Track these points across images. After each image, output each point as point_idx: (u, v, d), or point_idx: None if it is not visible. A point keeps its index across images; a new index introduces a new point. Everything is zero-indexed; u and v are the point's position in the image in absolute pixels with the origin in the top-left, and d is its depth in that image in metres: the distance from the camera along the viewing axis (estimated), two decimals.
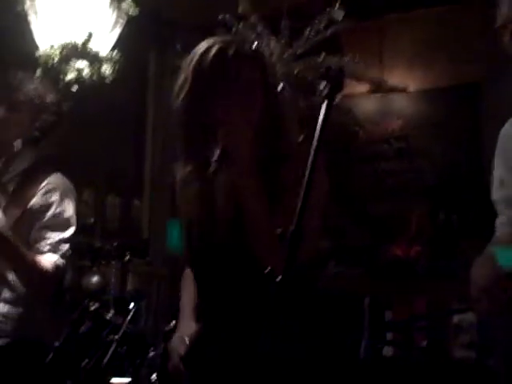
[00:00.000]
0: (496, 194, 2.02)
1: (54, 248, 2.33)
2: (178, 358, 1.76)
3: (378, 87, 4.54)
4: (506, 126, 1.98)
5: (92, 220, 5.85)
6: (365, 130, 5.08)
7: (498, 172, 2.00)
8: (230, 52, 1.67)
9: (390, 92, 4.70)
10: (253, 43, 4.06)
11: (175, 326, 1.91)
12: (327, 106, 1.45)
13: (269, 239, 1.54)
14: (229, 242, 1.67)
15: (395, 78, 4.78)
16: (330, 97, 1.46)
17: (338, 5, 3.97)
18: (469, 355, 3.91)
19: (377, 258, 4.86)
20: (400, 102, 4.95)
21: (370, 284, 4.67)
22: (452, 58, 4.68)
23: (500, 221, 2.01)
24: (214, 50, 1.67)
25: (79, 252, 5.14)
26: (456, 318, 3.70)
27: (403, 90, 4.72)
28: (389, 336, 4.37)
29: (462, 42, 4.53)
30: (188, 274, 1.89)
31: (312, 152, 1.41)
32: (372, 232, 4.96)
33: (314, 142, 1.42)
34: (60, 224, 2.37)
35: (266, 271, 1.38)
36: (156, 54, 5.46)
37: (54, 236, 2.33)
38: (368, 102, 5.06)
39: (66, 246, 2.37)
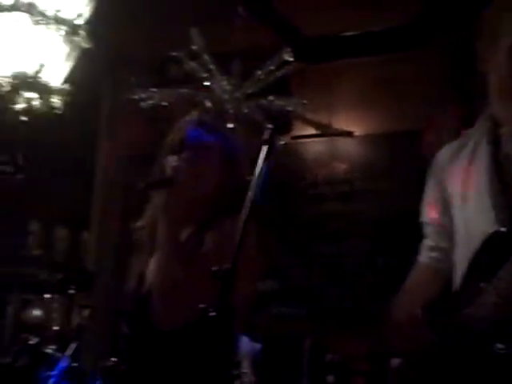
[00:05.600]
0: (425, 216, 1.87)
1: None
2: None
3: (325, 130, 4.64)
4: (442, 149, 1.86)
5: (38, 252, 5.75)
6: (311, 173, 5.16)
7: (429, 194, 1.85)
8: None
9: (337, 136, 4.80)
10: (205, 81, 4.14)
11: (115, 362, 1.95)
12: (267, 150, 1.48)
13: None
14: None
15: (342, 121, 4.89)
16: (271, 141, 1.50)
17: (288, 47, 4.08)
18: None
19: (320, 299, 4.90)
20: (346, 146, 5.06)
21: (312, 326, 4.68)
22: (395, 104, 4.83)
23: (426, 244, 1.87)
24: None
25: (23, 284, 5.05)
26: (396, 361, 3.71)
27: (349, 134, 4.83)
28: (329, 379, 4.39)
29: (406, 89, 4.68)
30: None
31: (251, 193, 1.45)
32: (315, 273, 5.00)
33: (253, 185, 1.46)
34: None
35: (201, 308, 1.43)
36: (109, 87, 5.49)
37: None
38: (315, 144, 5.16)
39: None
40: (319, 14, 4.53)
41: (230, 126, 3.91)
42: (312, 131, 4.66)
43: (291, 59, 4.05)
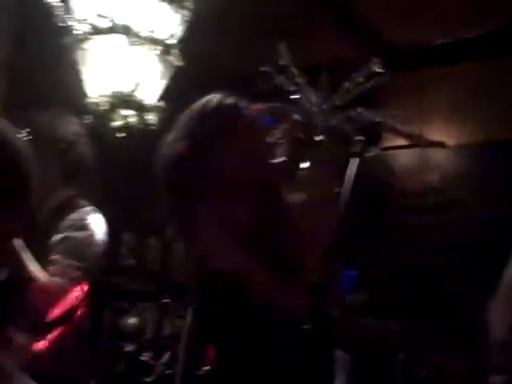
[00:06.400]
0: None
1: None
2: None
3: (417, 141, 4.57)
4: None
5: (132, 261, 5.92)
6: (402, 183, 5.09)
7: None
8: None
9: (429, 146, 4.72)
10: (292, 94, 4.15)
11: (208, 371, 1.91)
12: (359, 161, 1.49)
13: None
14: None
15: (433, 131, 4.81)
16: (361, 153, 1.50)
17: (377, 58, 4.03)
18: None
19: (413, 312, 4.80)
20: (437, 156, 4.97)
21: (405, 340, 4.60)
22: (489, 113, 4.70)
23: None
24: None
25: (117, 293, 5.23)
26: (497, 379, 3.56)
27: (442, 145, 4.74)
28: None
29: (500, 96, 4.55)
30: None
31: (343, 205, 1.45)
32: (407, 285, 4.92)
33: (344, 196, 1.46)
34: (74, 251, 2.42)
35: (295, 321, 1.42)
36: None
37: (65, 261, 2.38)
38: (406, 155, 5.10)
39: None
40: (407, 22, 4.48)
41: (319, 138, 3.91)
42: (403, 142, 4.60)
43: (380, 70, 4.01)
